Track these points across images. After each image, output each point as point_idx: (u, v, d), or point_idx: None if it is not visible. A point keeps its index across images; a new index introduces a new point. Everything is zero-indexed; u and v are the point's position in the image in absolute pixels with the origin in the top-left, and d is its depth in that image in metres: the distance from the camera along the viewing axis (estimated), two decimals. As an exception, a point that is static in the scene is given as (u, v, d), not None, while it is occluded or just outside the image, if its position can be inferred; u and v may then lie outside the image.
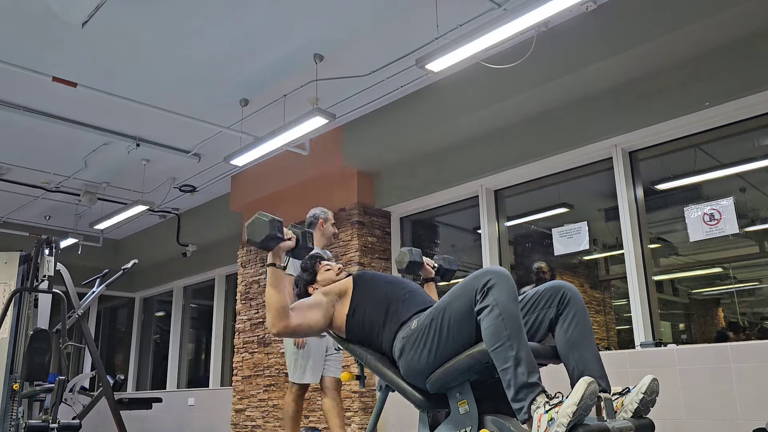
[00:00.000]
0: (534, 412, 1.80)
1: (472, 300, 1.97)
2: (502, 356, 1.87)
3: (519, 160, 5.14)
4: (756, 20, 3.80)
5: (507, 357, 1.86)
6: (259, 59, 4.94)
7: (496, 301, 1.91)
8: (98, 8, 4.11)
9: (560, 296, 2.11)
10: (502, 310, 1.89)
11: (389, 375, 2.22)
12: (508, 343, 1.87)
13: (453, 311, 2.03)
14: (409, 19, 4.41)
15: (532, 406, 1.81)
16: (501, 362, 1.88)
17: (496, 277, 1.95)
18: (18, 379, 4.54)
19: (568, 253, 4.87)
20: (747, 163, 4.35)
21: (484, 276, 1.97)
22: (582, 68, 4.36)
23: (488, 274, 1.97)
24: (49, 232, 8.38)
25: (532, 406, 1.81)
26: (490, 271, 1.99)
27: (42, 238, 4.58)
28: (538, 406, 1.80)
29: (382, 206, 6.20)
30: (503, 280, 1.94)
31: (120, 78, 5.18)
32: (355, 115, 5.86)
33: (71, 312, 5.31)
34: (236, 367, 7.06)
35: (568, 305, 2.10)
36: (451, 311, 2.03)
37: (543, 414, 1.77)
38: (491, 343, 1.90)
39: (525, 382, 1.83)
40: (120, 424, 5.34)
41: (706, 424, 3.60)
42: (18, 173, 7.18)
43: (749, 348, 3.61)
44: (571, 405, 1.71)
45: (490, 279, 1.95)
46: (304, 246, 2.33)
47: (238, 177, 7.32)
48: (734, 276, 5.14)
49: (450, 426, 2.08)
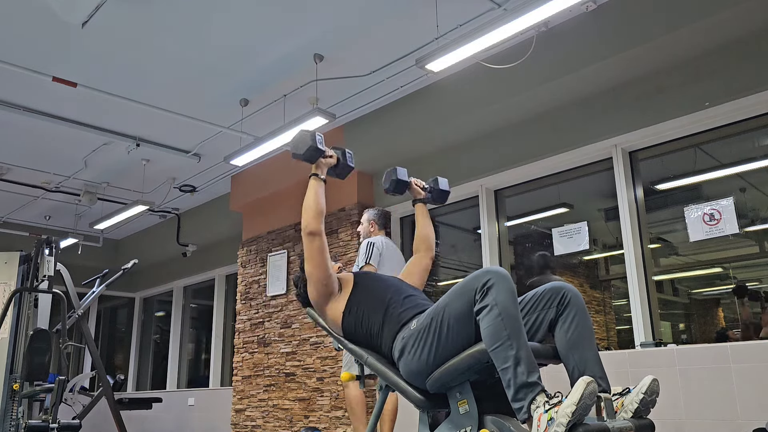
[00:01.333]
0: (534, 411, 1.80)
1: (471, 300, 1.97)
2: (502, 356, 1.87)
3: (519, 160, 5.14)
4: (756, 20, 3.80)
5: (507, 356, 1.86)
6: (259, 59, 4.94)
7: (495, 300, 1.91)
8: (98, 8, 4.11)
9: (561, 297, 2.11)
10: (502, 310, 1.89)
11: (389, 375, 2.22)
12: (508, 342, 1.87)
13: (452, 311, 2.02)
14: (409, 19, 4.41)
15: (531, 406, 1.81)
16: (501, 362, 1.88)
17: (495, 277, 1.95)
18: (18, 379, 4.55)
19: (568, 253, 4.87)
20: (747, 163, 4.35)
21: (484, 276, 1.97)
22: (582, 68, 4.36)
23: (488, 274, 1.97)
24: (49, 232, 8.38)
25: (531, 406, 1.81)
26: (489, 271, 1.99)
27: (42, 238, 4.58)
28: (537, 405, 1.80)
29: (382, 206, 6.19)
30: (503, 280, 1.94)
31: (120, 78, 5.18)
32: (355, 115, 5.86)
33: (71, 312, 5.32)
34: (236, 367, 7.07)
35: (569, 306, 2.10)
36: (451, 311, 2.03)
37: (543, 414, 1.77)
38: (491, 342, 1.90)
39: (525, 382, 1.83)
40: (120, 424, 5.34)
41: (706, 424, 3.60)
42: (18, 173, 7.18)
43: (749, 348, 3.61)
44: (571, 405, 1.71)
45: (489, 279, 1.95)
46: (345, 164, 2.48)
47: (238, 177, 7.32)
48: (734, 276, 5.13)
49: (450, 426, 2.08)
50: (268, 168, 6.74)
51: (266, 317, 6.78)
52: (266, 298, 6.83)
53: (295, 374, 6.25)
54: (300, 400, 6.14)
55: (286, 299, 6.59)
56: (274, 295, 6.73)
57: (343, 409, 5.67)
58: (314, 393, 6.01)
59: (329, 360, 5.94)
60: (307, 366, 6.16)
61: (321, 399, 5.92)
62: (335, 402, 5.76)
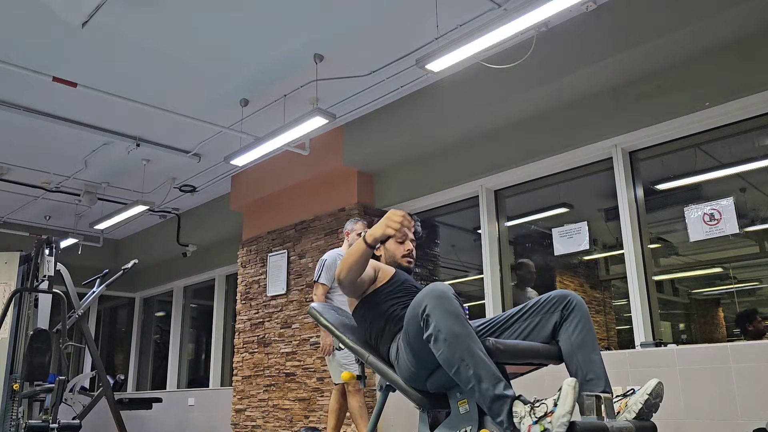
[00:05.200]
0: (519, 424, 1.78)
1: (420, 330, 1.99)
2: (464, 378, 1.89)
3: (519, 160, 5.14)
4: (756, 20, 3.80)
5: (468, 377, 1.88)
6: (259, 59, 4.94)
7: (437, 327, 1.92)
8: (98, 8, 4.11)
9: (566, 303, 2.17)
10: (447, 335, 1.90)
11: (390, 375, 2.23)
12: (463, 363, 1.88)
13: (411, 333, 2.07)
14: (409, 19, 4.41)
15: (513, 418, 1.80)
16: (465, 383, 1.90)
17: (431, 302, 1.95)
18: (18, 379, 4.55)
19: (568, 253, 4.87)
20: (747, 163, 4.35)
21: (421, 303, 1.98)
22: (582, 68, 4.36)
23: (424, 300, 1.97)
24: (49, 232, 8.38)
25: (513, 418, 1.80)
26: (426, 296, 1.98)
27: (42, 238, 4.58)
28: (520, 416, 1.78)
29: (382, 206, 6.19)
30: (438, 303, 1.94)
31: (120, 78, 5.17)
32: (355, 115, 5.86)
33: (71, 312, 5.32)
34: (236, 367, 7.06)
35: (573, 312, 2.15)
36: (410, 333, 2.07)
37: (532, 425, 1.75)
38: (448, 368, 1.92)
39: (493, 395, 1.84)
40: (120, 424, 5.34)
41: (706, 424, 3.60)
42: (18, 173, 7.17)
43: (749, 348, 3.61)
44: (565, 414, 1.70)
45: (425, 306, 1.96)
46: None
47: (238, 177, 7.32)
48: (734, 276, 5.14)
49: (450, 426, 2.08)
50: (268, 168, 6.74)
51: (266, 317, 6.78)
52: (266, 298, 6.83)
53: (295, 374, 6.25)
54: (300, 400, 6.14)
55: (286, 299, 6.59)
56: (274, 295, 6.73)
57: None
58: (314, 393, 6.01)
59: (329, 360, 5.94)
60: (307, 366, 6.16)
61: (321, 399, 5.92)
62: (335, 402, 5.75)
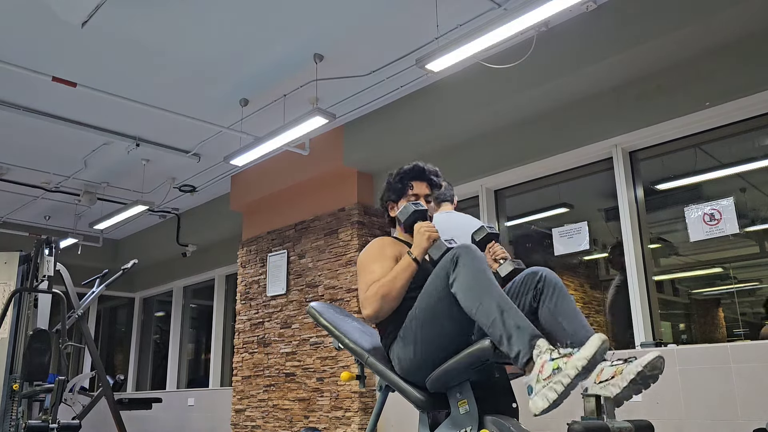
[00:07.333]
0: (537, 356, 1.70)
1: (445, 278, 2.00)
2: (485, 311, 1.83)
3: (519, 160, 5.14)
4: (756, 20, 3.80)
5: (490, 310, 1.82)
6: (259, 59, 4.94)
7: (464, 264, 1.96)
8: (98, 8, 4.10)
9: (537, 279, 2.13)
10: (471, 268, 1.94)
11: (389, 375, 2.22)
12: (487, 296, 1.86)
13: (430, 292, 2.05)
14: (409, 19, 4.41)
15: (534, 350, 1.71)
16: (485, 318, 1.83)
17: (461, 249, 2.02)
18: (18, 379, 4.54)
19: (568, 253, 4.87)
20: (747, 163, 4.34)
21: (452, 253, 2.04)
22: (582, 68, 4.35)
23: (455, 250, 2.04)
24: (49, 232, 8.38)
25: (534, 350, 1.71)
26: (460, 247, 2.06)
27: (42, 238, 4.58)
28: (541, 351, 1.71)
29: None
30: (469, 251, 2.01)
31: (120, 78, 5.17)
32: (355, 115, 5.85)
33: (71, 312, 5.31)
34: (236, 367, 7.06)
35: (546, 285, 2.11)
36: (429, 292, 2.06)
37: (548, 361, 1.68)
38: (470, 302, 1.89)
39: (517, 325, 1.77)
40: (120, 424, 5.34)
41: (706, 424, 3.60)
42: (18, 173, 7.17)
43: (749, 348, 3.61)
44: (582, 359, 1.64)
45: (456, 253, 2.02)
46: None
47: (238, 177, 7.31)
48: (734, 276, 5.13)
49: (450, 426, 2.08)
50: (268, 168, 6.74)
51: (266, 317, 6.78)
52: (266, 298, 6.83)
53: (295, 374, 6.25)
54: (300, 400, 6.14)
55: (286, 299, 6.59)
56: (273, 295, 6.73)
57: (343, 409, 5.67)
58: (314, 393, 6.00)
59: (329, 360, 5.94)
60: (307, 366, 6.16)
61: (321, 399, 5.92)
62: (335, 402, 5.76)
